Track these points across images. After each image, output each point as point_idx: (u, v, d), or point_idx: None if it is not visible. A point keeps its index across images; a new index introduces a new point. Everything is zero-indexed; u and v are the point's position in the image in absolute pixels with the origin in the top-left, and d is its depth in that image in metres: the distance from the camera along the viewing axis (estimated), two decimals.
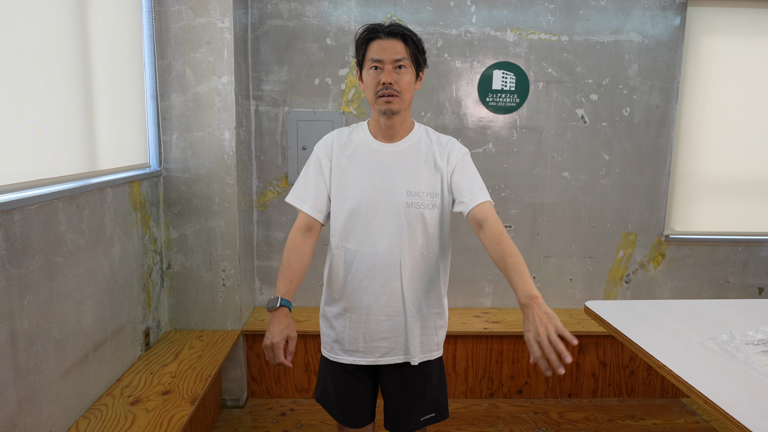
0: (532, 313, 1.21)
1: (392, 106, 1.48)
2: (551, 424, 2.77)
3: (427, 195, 1.53)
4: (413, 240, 1.54)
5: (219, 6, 2.54)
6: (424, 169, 1.54)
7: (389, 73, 1.46)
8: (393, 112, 1.50)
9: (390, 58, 1.46)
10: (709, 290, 3.27)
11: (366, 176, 1.53)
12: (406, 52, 1.47)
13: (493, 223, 1.44)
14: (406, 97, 1.50)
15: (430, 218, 1.54)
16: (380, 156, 1.55)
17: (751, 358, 1.54)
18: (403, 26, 1.50)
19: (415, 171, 1.54)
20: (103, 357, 2.12)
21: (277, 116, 2.99)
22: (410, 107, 1.57)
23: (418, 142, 1.57)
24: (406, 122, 1.57)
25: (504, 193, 3.11)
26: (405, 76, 1.48)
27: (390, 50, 1.46)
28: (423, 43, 1.53)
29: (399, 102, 1.49)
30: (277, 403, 2.92)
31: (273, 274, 3.12)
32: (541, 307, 1.22)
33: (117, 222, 2.21)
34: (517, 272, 1.30)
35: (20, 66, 1.62)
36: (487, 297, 3.21)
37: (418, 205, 1.52)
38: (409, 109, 1.56)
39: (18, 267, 1.59)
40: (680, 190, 3.18)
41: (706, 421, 2.82)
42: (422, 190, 1.53)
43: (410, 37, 1.49)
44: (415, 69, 1.52)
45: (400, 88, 1.47)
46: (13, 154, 1.60)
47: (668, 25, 3.00)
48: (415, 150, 1.56)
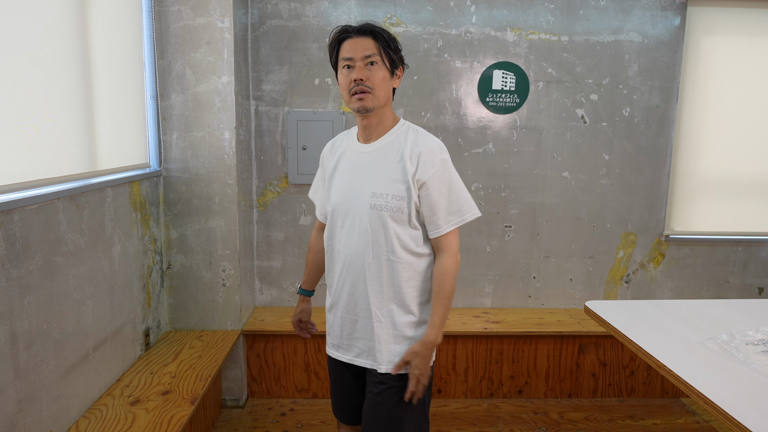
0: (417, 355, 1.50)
1: (365, 103, 1.46)
2: (551, 424, 2.76)
3: (392, 197, 1.48)
4: (377, 243, 1.50)
5: (219, 6, 2.54)
6: (394, 171, 1.49)
7: (360, 69, 1.45)
8: (366, 110, 1.47)
9: (360, 55, 1.45)
10: (709, 290, 3.27)
11: (345, 178, 1.57)
12: (377, 48, 1.46)
13: (445, 260, 1.51)
14: (379, 93, 1.47)
15: (393, 221, 1.49)
16: (358, 157, 1.56)
17: (751, 358, 1.54)
18: (372, 24, 1.48)
19: (383, 172, 1.50)
20: (103, 357, 2.12)
21: (277, 116, 2.99)
22: (388, 106, 1.53)
23: (392, 143, 1.52)
24: (383, 122, 1.53)
25: (504, 193, 3.11)
26: (377, 72, 1.46)
27: (360, 47, 1.45)
28: (396, 42, 1.51)
29: (372, 99, 1.46)
30: (277, 403, 2.92)
31: (273, 274, 3.12)
32: (425, 358, 1.50)
33: (117, 222, 2.21)
34: (435, 313, 1.51)
35: (20, 66, 1.62)
36: (487, 297, 3.21)
37: (380, 207, 1.48)
38: (386, 108, 1.52)
39: (18, 267, 1.59)
40: (680, 190, 3.18)
41: (706, 421, 2.82)
42: (387, 192, 1.48)
43: (380, 34, 1.47)
44: (389, 66, 1.48)
45: (372, 84, 1.45)
46: (13, 154, 1.60)
47: (668, 25, 3.00)
48: (388, 150, 1.51)
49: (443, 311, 1.51)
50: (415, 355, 1.50)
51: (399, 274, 1.52)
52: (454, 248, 1.52)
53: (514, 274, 3.19)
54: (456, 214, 1.50)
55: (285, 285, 3.14)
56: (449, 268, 1.51)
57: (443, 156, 1.49)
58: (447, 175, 1.49)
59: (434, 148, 1.49)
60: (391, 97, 1.53)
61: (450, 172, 1.50)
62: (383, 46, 1.46)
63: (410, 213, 1.49)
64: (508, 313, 3.14)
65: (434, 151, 1.48)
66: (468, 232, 3.12)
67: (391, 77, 1.50)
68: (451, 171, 1.51)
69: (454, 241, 1.52)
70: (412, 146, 1.49)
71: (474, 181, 3.09)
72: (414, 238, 1.52)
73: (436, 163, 1.48)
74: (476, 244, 3.14)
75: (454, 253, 1.52)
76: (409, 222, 1.50)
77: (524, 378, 3.01)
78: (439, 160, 1.48)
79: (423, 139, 1.51)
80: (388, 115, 1.54)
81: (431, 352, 1.51)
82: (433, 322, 1.51)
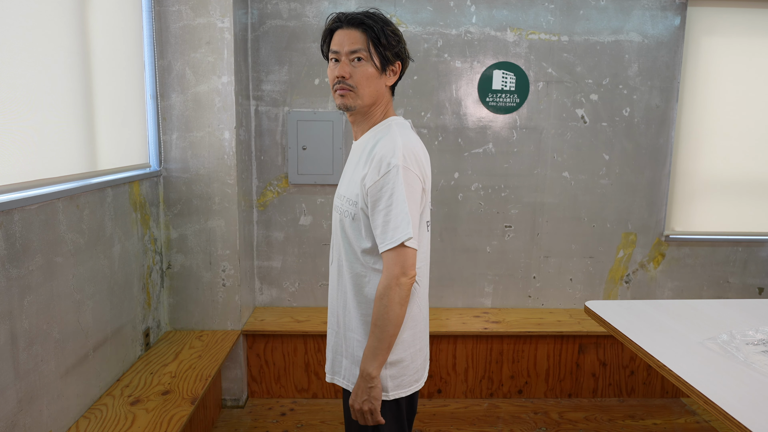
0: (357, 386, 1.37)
1: (345, 101, 1.36)
2: (551, 424, 2.76)
3: (347, 201, 1.38)
4: (337, 246, 1.44)
5: (219, 6, 2.54)
6: (357, 172, 1.37)
7: (343, 65, 1.34)
8: (346, 108, 1.37)
9: (346, 49, 1.33)
10: (709, 290, 3.27)
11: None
12: (365, 42, 1.33)
13: (384, 279, 1.30)
14: (363, 92, 1.35)
15: (349, 228, 1.39)
16: (350, 154, 1.51)
17: (751, 358, 1.54)
18: (367, 14, 1.36)
19: (349, 172, 1.43)
20: (103, 357, 2.12)
21: (277, 116, 2.99)
22: (379, 104, 1.41)
23: (368, 141, 1.40)
24: (370, 120, 1.42)
25: (504, 193, 3.11)
26: (361, 69, 1.34)
27: (347, 41, 1.33)
28: (394, 34, 1.37)
29: (353, 97, 1.35)
30: (277, 403, 2.92)
31: (273, 274, 3.12)
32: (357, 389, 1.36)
33: (117, 222, 2.21)
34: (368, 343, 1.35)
35: (20, 66, 1.62)
36: (487, 297, 3.21)
37: (340, 210, 1.41)
38: (376, 107, 1.41)
39: (18, 267, 1.59)
40: (680, 190, 3.18)
41: (706, 421, 2.82)
42: (346, 194, 1.39)
43: (371, 27, 1.33)
44: (380, 62, 1.35)
45: (355, 83, 1.34)
46: (13, 154, 1.60)
47: (668, 25, 3.00)
48: (362, 149, 1.40)
49: (374, 341, 1.32)
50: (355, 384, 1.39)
51: (349, 286, 1.41)
52: (393, 270, 1.29)
53: (514, 274, 3.19)
54: (393, 232, 1.28)
55: (285, 285, 3.14)
56: (381, 291, 1.30)
57: (394, 162, 1.28)
58: (391, 184, 1.27)
59: (387, 152, 1.29)
60: (383, 95, 1.40)
61: (395, 182, 1.27)
62: (372, 40, 1.33)
63: (362, 221, 1.35)
64: (508, 313, 3.14)
65: (386, 155, 1.29)
66: (468, 232, 3.12)
67: (381, 74, 1.37)
68: (398, 181, 1.27)
69: (393, 262, 1.29)
70: (373, 146, 1.35)
71: (474, 181, 3.09)
72: (367, 250, 1.36)
73: (383, 169, 1.28)
74: (476, 244, 3.14)
75: (393, 276, 1.29)
76: (362, 231, 1.36)
77: (524, 378, 3.01)
78: (387, 165, 1.28)
79: (387, 139, 1.33)
80: (377, 111, 1.41)
81: (364, 384, 1.34)
82: (365, 353, 1.34)
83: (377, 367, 1.33)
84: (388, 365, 1.38)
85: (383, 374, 1.38)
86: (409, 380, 1.43)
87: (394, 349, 1.38)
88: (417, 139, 1.41)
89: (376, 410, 1.35)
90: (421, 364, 1.47)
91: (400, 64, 1.41)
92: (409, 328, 1.41)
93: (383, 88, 1.40)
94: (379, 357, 1.33)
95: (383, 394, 1.38)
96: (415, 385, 1.44)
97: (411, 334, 1.41)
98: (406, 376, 1.41)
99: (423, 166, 1.36)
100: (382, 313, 1.30)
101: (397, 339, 1.37)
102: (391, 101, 1.46)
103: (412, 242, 1.29)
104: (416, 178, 1.31)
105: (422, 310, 1.46)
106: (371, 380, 1.33)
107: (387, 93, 1.43)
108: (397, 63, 1.40)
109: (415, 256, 1.31)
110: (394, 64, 1.40)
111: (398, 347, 1.38)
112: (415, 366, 1.44)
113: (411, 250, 1.30)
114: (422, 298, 1.45)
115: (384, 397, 1.38)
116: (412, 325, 1.41)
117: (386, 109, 1.44)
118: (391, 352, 1.38)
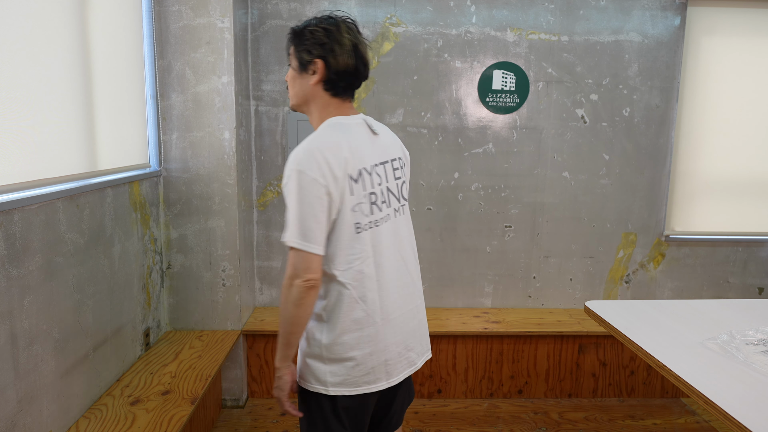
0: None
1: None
2: (551, 424, 2.76)
3: None
4: None
5: (219, 6, 2.54)
6: None
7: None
8: (292, 108, 1.51)
9: None
10: (709, 290, 3.27)
11: None
12: (287, 46, 1.47)
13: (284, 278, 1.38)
14: (290, 93, 1.48)
15: None
16: None
17: (751, 358, 1.54)
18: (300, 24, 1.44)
19: None
20: (103, 357, 2.12)
21: (277, 116, 2.99)
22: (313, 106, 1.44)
23: None
24: (312, 121, 1.47)
25: (504, 193, 3.11)
26: (288, 72, 1.48)
27: None
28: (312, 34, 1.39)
29: (290, 98, 1.49)
30: (277, 403, 2.92)
31: (273, 274, 3.12)
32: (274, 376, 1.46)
33: (117, 222, 2.21)
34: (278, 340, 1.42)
35: (20, 66, 1.62)
36: (487, 297, 3.21)
37: None
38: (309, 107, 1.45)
39: (18, 267, 1.59)
40: (680, 190, 3.18)
41: (706, 421, 2.82)
42: None
43: (293, 30, 1.45)
44: (297, 62, 1.42)
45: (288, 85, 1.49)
46: (13, 154, 1.60)
47: (668, 25, 3.00)
48: None
49: (279, 335, 1.41)
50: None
51: None
52: (288, 271, 1.34)
53: (514, 274, 3.19)
54: (285, 234, 1.34)
55: None
56: (282, 286, 1.37)
57: (290, 167, 1.32)
58: (286, 190, 1.33)
59: (292, 158, 1.33)
60: (311, 95, 1.43)
61: (288, 188, 1.32)
62: (294, 43, 1.44)
63: None
64: (508, 313, 3.14)
65: (290, 160, 1.33)
66: (468, 232, 3.12)
67: (301, 74, 1.42)
68: (290, 187, 1.31)
69: (289, 263, 1.34)
70: None
71: (474, 181, 3.09)
72: None
73: (286, 173, 1.34)
74: (476, 244, 3.14)
75: (287, 276, 1.34)
76: None
77: (524, 378, 3.01)
78: (289, 170, 1.32)
79: (301, 144, 1.36)
80: (313, 112, 1.45)
81: (275, 374, 1.46)
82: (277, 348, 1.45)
83: (280, 359, 1.43)
84: (328, 361, 1.41)
85: (322, 369, 1.42)
86: (359, 381, 1.44)
87: (333, 349, 1.40)
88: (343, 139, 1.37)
89: (280, 400, 1.46)
90: (377, 367, 1.45)
91: (320, 62, 1.38)
92: (353, 330, 1.41)
93: (308, 87, 1.42)
94: (280, 351, 1.42)
95: (323, 388, 1.43)
96: (365, 386, 1.45)
97: (356, 337, 1.42)
98: (353, 377, 1.42)
99: (332, 167, 1.32)
100: (280, 310, 1.39)
101: (338, 339, 1.40)
102: (331, 102, 1.43)
103: (310, 248, 1.31)
104: (314, 182, 1.30)
105: (372, 315, 1.42)
106: (277, 371, 1.45)
107: (318, 93, 1.42)
108: (317, 61, 1.38)
109: (311, 260, 1.32)
110: (313, 63, 1.39)
111: (338, 347, 1.41)
112: (367, 368, 1.44)
113: (306, 254, 1.31)
114: (371, 303, 1.42)
115: (324, 390, 1.43)
116: (357, 329, 1.41)
117: (323, 111, 1.43)
118: (330, 351, 1.41)
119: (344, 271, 1.37)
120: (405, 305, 1.50)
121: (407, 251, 1.52)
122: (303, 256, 1.32)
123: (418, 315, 1.56)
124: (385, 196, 1.44)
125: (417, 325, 1.55)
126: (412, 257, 1.55)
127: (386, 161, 1.47)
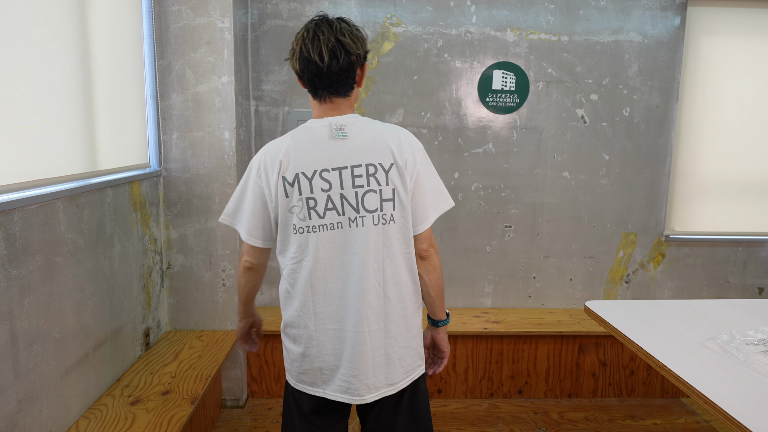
0: None
1: None
2: (551, 424, 2.76)
3: None
4: None
5: (219, 6, 2.54)
6: None
7: None
8: None
9: None
10: (709, 290, 3.27)
11: None
12: None
13: None
14: None
15: None
16: None
17: (751, 358, 1.54)
18: None
19: None
20: (103, 357, 2.12)
21: (277, 116, 2.99)
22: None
23: None
24: None
25: (504, 193, 3.11)
26: None
27: None
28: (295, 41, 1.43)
29: None
30: (277, 403, 2.92)
31: (273, 274, 3.12)
32: None
33: (117, 222, 2.21)
34: None
35: (20, 66, 1.62)
36: (487, 297, 3.21)
37: None
38: None
39: (18, 267, 1.59)
40: (680, 190, 3.18)
41: (706, 421, 2.82)
42: None
43: None
44: None
45: None
46: (13, 154, 1.60)
47: (668, 25, 3.00)
48: None
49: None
50: None
51: None
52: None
53: (514, 274, 3.19)
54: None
55: None
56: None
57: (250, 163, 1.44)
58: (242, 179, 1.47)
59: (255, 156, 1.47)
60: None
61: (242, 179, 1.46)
62: None
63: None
64: (508, 313, 3.14)
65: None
66: (468, 232, 3.12)
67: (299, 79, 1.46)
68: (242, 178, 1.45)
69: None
70: None
71: (474, 181, 3.09)
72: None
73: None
74: (476, 244, 3.14)
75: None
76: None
77: (524, 378, 3.01)
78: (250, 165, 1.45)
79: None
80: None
81: None
82: None
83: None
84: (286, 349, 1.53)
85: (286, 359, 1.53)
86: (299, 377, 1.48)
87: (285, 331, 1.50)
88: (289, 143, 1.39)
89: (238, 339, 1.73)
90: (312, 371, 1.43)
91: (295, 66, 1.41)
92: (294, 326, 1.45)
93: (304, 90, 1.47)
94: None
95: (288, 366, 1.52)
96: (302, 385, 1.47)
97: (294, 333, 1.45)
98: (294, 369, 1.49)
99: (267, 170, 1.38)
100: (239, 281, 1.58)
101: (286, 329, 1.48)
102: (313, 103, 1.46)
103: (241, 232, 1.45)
104: (251, 178, 1.42)
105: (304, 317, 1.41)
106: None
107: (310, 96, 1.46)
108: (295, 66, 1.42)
109: (245, 247, 1.48)
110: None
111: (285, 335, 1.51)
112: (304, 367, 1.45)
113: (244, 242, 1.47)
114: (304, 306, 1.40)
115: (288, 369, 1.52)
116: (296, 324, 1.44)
117: (313, 111, 1.47)
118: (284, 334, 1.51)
119: (286, 266, 1.44)
120: (352, 324, 1.38)
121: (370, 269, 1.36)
122: (244, 242, 1.48)
123: (374, 342, 1.38)
124: (332, 203, 1.36)
125: (370, 352, 1.38)
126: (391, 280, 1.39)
127: (344, 167, 1.36)
